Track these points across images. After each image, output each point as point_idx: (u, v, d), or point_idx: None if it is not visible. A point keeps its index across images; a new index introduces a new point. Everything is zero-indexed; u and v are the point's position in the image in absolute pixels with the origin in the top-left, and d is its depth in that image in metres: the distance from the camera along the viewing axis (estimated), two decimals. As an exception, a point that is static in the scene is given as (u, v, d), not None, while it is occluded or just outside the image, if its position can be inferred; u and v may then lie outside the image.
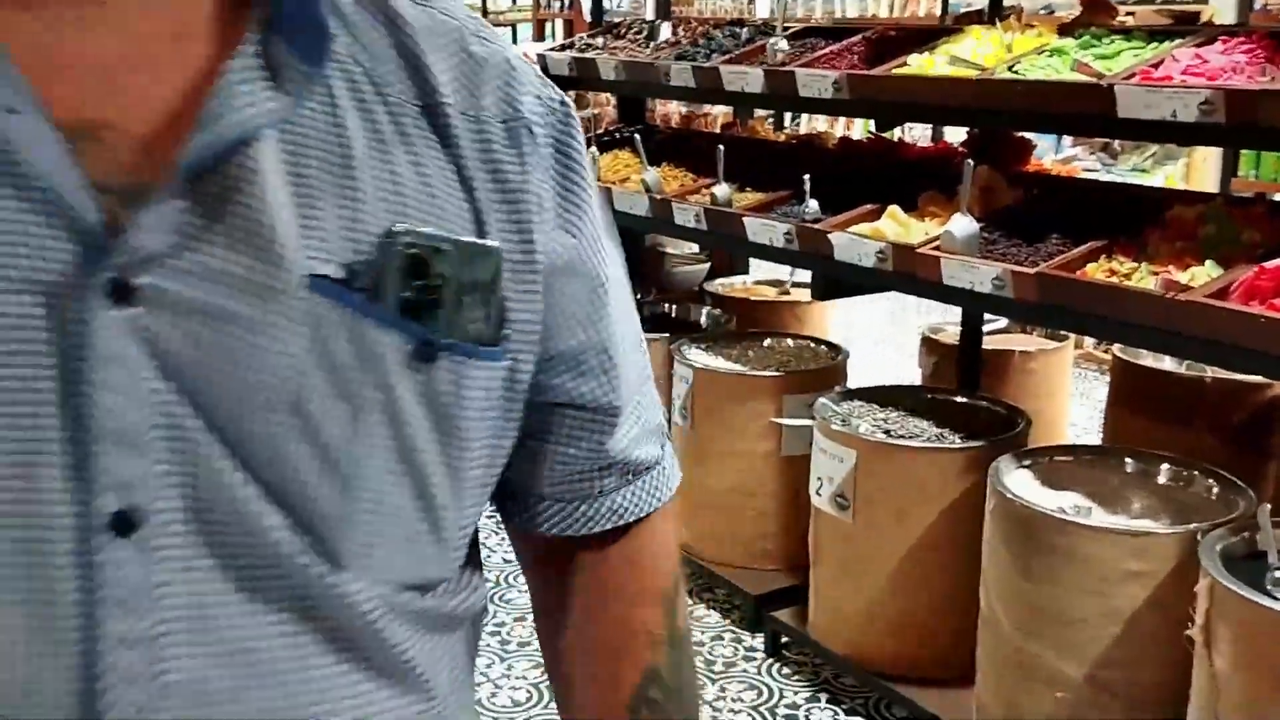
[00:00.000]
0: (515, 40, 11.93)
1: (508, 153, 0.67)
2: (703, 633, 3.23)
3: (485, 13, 12.67)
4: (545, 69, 4.21)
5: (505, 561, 3.60)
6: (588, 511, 0.78)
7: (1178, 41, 2.45)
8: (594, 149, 3.78)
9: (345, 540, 0.62)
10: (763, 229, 2.99)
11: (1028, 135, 3.33)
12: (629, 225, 3.49)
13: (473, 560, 0.74)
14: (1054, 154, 6.69)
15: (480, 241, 0.65)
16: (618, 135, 4.16)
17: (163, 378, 0.57)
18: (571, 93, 5.29)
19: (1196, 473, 2.47)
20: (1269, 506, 2.09)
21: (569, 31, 10.53)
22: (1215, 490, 2.42)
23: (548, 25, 11.78)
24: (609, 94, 5.04)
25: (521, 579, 3.42)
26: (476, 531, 0.74)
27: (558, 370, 0.71)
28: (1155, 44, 2.50)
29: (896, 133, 5.81)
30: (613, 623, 0.81)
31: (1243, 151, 5.36)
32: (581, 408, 0.74)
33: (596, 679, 0.81)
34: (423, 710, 0.69)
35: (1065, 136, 6.58)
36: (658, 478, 0.81)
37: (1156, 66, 2.35)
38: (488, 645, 3.10)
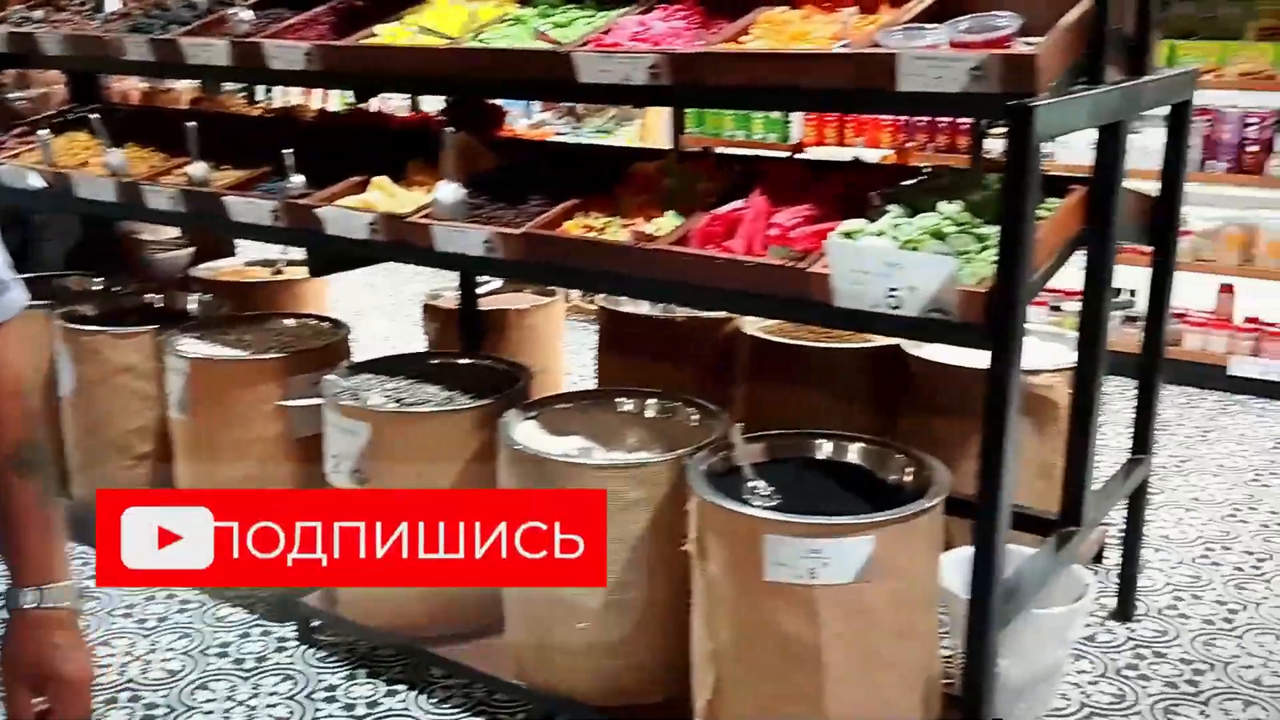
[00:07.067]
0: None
1: None
2: (228, 631, 3.10)
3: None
4: (-27, 44, 3.76)
5: None
6: None
7: (624, 10, 2.65)
8: (46, 131, 3.43)
9: None
10: (247, 208, 2.89)
11: (499, 101, 3.46)
12: (95, 212, 3.22)
13: None
14: (526, 119, 7.00)
15: None
16: (71, 116, 3.81)
17: None
18: (12, 71, 4.76)
19: (679, 404, 2.73)
20: (740, 426, 2.35)
21: None
22: (697, 418, 2.68)
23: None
24: (57, 70, 4.59)
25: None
26: None
27: None
28: (605, 13, 2.69)
29: (374, 103, 5.79)
30: None
31: (687, 110, 5.89)
32: None
33: None
34: None
35: (534, 101, 6.90)
36: (18, 294, 1.31)
37: (607, 33, 2.53)
38: None
